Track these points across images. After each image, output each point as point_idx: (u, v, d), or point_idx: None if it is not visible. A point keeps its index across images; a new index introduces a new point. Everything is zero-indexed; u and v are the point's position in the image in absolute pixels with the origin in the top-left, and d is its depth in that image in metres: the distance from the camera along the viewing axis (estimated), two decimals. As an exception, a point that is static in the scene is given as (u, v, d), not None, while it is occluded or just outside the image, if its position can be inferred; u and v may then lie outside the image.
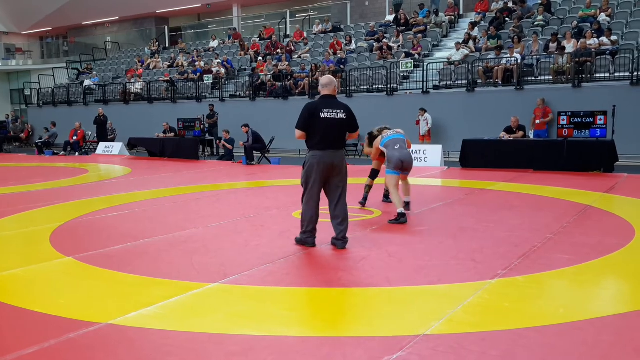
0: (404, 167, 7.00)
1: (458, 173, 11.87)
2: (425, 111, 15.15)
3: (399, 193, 6.92)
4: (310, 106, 5.42)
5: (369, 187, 7.90)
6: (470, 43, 16.94)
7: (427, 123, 15.08)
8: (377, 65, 17.56)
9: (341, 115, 5.37)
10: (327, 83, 5.49)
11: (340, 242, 5.47)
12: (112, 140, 20.53)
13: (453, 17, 19.71)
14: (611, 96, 12.74)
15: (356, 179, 8.86)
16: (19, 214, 7.60)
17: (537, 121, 13.62)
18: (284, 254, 5.20)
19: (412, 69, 16.92)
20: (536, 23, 16.88)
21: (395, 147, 7.01)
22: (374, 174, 7.87)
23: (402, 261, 4.95)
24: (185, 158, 16.52)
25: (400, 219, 6.62)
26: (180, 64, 23.34)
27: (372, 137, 7.66)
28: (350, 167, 8.15)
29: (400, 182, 7.26)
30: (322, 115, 5.28)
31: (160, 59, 25.43)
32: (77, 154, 19.36)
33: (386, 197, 8.09)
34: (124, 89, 22.94)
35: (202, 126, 17.55)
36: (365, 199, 7.85)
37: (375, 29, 20.24)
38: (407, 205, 7.28)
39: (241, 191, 10.06)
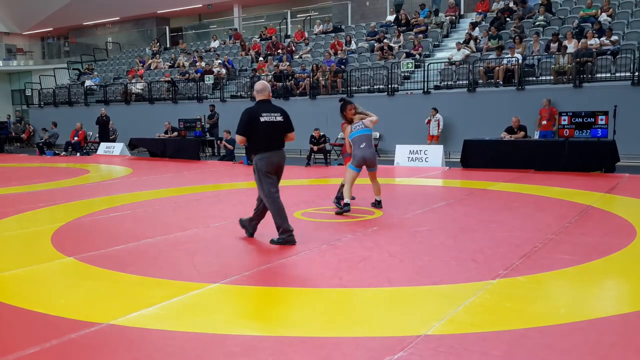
0: (366, 164, 7.33)
1: (459, 173, 11.87)
2: (437, 112, 15.12)
3: (351, 188, 7.36)
4: (249, 111, 5.66)
5: (342, 186, 7.87)
6: (471, 43, 16.93)
7: (438, 124, 15.05)
8: (378, 65, 17.56)
9: (279, 118, 5.67)
10: (261, 89, 5.74)
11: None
12: (114, 140, 20.55)
13: (454, 17, 19.71)
14: (612, 96, 12.73)
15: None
16: (20, 214, 7.60)
17: (544, 122, 13.58)
18: (285, 255, 5.21)
19: (413, 69, 16.92)
20: (537, 23, 16.88)
21: (361, 146, 7.26)
22: None
23: (403, 261, 4.95)
24: (186, 158, 16.53)
25: (344, 208, 7.18)
26: (181, 64, 23.36)
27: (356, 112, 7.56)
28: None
29: (371, 183, 7.62)
30: (262, 119, 5.56)
31: (161, 60, 25.46)
32: (78, 154, 19.38)
33: (337, 199, 7.83)
34: (125, 89, 22.96)
35: (202, 126, 17.56)
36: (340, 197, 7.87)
37: (376, 29, 20.24)
38: (378, 203, 7.60)
39: (242, 191, 10.06)
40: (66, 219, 7.18)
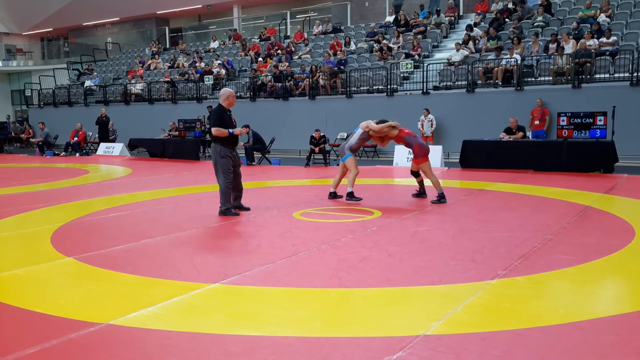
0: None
1: (458, 173, 11.88)
2: (429, 112, 15.19)
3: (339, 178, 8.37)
4: None
5: (420, 184, 8.65)
6: (470, 44, 16.95)
7: (431, 124, 15.11)
8: (377, 66, 17.58)
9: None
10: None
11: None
12: (113, 140, 20.55)
13: (453, 18, 19.73)
14: (611, 97, 12.75)
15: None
16: (20, 215, 7.61)
17: (536, 122, 13.62)
18: (285, 254, 5.22)
19: (412, 69, 16.94)
20: (536, 24, 16.90)
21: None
22: (415, 174, 8.63)
23: (402, 261, 4.96)
24: (185, 159, 16.53)
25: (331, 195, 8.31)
26: (180, 64, 23.36)
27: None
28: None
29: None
30: None
31: (160, 60, 25.45)
32: (78, 154, 19.38)
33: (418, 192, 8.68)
34: (125, 89, 22.96)
35: (202, 127, 17.57)
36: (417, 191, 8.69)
37: (375, 30, 20.26)
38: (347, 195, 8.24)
39: (241, 192, 10.06)
40: (66, 219, 7.19)
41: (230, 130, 7.20)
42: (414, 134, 8.61)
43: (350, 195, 8.11)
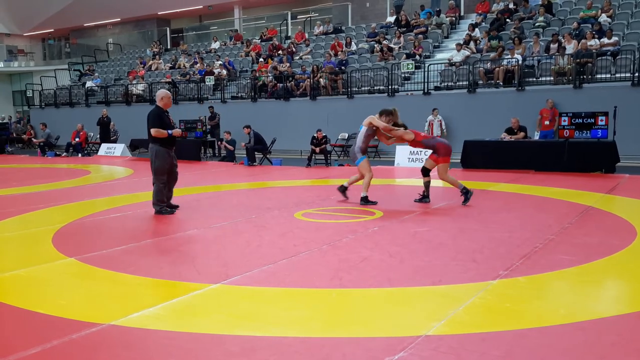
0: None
1: (459, 174, 11.84)
2: (438, 112, 15.21)
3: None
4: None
5: (426, 185, 8.29)
6: (471, 44, 16.95)
7: (440, 124, 15.12)
8: (378, 66, 17.58)
9: None
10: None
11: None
12: (114, 141, 20.57)
13: (454, 18, 19.73)
14: (612, 97, 12.74)
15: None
16: (21, 215, 7.62)
17: (546, 122, 13.56)
18: (285, 255, 5.22)
19: (413, 70, 16.94)
20: (537, 24, 16.89)
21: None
22: (425, 173, 8.27)
23: (403, 261, 4.95)
24: (186, 159, 16.52)
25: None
26: (181, 65, 23.37)
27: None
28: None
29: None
30: None
31: (161, 61, 25.48)
32: (79, 155, 19.40)
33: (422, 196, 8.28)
34: (126, 90, 22.98)
35: (203, 127, 17.58)
36: (421, 195, 8.28)
37: (376, 30, 20.27)
38: (362, 199, 8.03)
39: (242, 192, 10.07)
40: (67, 220, 7.20)
41: (170, 131, 7.41)
42: (431, 136, 8.57)
43: (365, 200, 7.91)
